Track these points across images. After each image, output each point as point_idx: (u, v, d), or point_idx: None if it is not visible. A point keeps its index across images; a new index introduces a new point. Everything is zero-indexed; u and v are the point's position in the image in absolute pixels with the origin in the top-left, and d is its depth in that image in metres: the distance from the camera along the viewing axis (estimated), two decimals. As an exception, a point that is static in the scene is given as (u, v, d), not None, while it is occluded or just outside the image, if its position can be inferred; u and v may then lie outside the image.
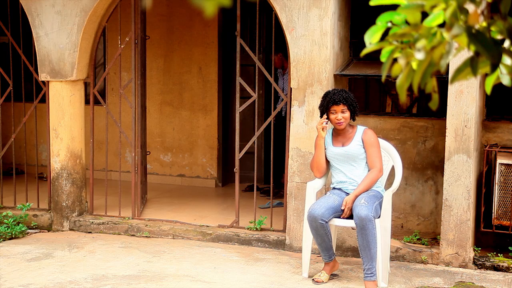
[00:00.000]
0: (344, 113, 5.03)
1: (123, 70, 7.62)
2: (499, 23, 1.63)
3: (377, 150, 5.09)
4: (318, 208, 4.91)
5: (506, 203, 5.55)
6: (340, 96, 5.01)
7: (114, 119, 6.70)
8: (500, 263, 5.41)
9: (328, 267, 5.13)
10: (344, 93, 5.04)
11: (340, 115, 5.03)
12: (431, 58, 1.62)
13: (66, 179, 6.58)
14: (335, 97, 5.01)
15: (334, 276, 5.21)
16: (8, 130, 7.58)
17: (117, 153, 7.95)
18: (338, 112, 5.03)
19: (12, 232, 6.27)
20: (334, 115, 5.04)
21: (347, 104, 5.01)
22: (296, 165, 5.81)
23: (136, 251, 5.86)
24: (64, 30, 6.40)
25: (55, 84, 6.53)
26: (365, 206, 4.80)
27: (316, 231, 4.94)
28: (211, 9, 1.47)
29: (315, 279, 5.08)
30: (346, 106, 5.02)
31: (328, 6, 5.64)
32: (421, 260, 5.57)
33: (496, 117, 5.87)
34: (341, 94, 5.02)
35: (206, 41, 8.35)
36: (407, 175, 6.08)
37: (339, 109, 5.03)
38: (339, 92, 5.05)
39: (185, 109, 8.57)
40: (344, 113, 5.04)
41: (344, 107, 5.02)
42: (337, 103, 5.01)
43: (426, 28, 1.64)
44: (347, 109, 5.03)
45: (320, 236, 4.96)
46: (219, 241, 6.16)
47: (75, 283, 5.00)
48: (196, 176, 8.59)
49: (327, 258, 5.10)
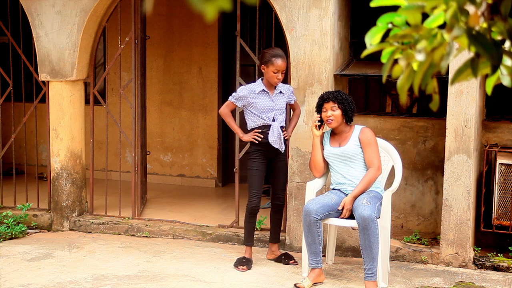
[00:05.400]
0: (334, 111, 5.04)
1: (123, 70, 7.61)
2: (499, 24, 1.63)
3: (375, 149, 5.08)
4: (313, 204, 4.91)
5: (506, 203, 5.55)
6: (330, 94, 5.07)
7: (114, 119, 6.70)
8: (500, 263, 5.41)
9: (313, 274, 4.96)
10: (336, 92, 5.09)
11: (330, 112, 5.04)
12: (432, 59, 1.62)
13: (66, 179, 6.58)
14: (325, 95, 5.09)
15: (317, 284, 4.99)
16: (8, 130, 7.58)
17: (117, 153, 7.95)
18: (328, 110, 5.05)
19: (12, 232, 6.27)
20: (325, 113, 5.07)
21: (336, 101, 5.03)
22: (296, 165, 5.81)
23: (136, 251, 5.86)
24: (64, 30, 6.40)
25: (55, 84, 6.53)
26: (368, 206, 4.80)
27: (308, 227, 4.91)
28: (212, 13, 1.46)
29: (297, 284, 4.93)
30: (336, 103, 5.03)
31: (328, 6, 5.64)
32: (421, 260, 5.57)
33: (496, 117, 5.87)
34: (332, 93, 5.08)
35: (206, 41, 8.35)
36: (407, 175, 6.08)
37: (328, 106, 5.06)
38: (331, 92, 5.13)
39: (185, 109, 8.57)
40: (334, 110, 5.04)
41: (334, 105, 5.04)
42: (327, 101, 5.05)
43: (427, 29, 1.64)
44: (337, 107, 5.04)
45: (312, 234, 4.90)
46: (219, 241, 6.17)
47: (75, 283, 5.01)
48: (196, 176, 8.60)
49: (314, 264, 4.95)
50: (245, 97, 5.34)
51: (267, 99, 5.34)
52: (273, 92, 5.37)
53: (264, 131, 5.36)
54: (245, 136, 5.43)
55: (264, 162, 5.41)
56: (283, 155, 5.52)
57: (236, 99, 5.39)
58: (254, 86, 5.38)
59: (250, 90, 5.35)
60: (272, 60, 5.25)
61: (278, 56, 5.27)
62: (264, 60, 5.31)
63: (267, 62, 5.28)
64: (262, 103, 5.33)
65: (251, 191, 5.41)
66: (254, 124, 5.39)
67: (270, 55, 5.28)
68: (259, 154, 5.40)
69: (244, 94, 5.35)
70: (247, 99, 5.34)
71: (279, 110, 5.39)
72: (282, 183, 5.58)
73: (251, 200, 5.43)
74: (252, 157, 5.42)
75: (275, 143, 5.33)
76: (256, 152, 5.40)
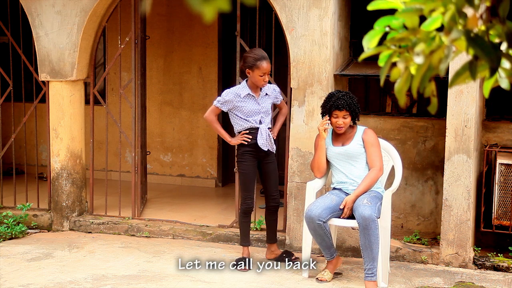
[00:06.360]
0: (345, 119, 5.04)
1: (123, 70, 7.61)
2: (497, 27, 1.63)
3: (378, 150, 5.10)
4: (315, 209, 4.92)
5: (506, 203, 5.55)
6: (344, 102, 4.99)
7: (114, 119, 6.71)
8: (500, 263, 5.41)
9: (331, 265, 5.14)
10: (348, 98, 5.02)
11: (341, 121, 5.04)
12: (430, 62, 1.62)
13: (66, 179, 6.58)
14: (339, 103, 5.00)
15: (338, 274, 5.21)
16: (8, 130, 7.58)
17: (117, 153, 7.95)
18: (340, 117, 5.03)
19: (12, 232, 6.27)
20: (336, 119, 5.05)
21: (349, 110, 5.01)
22: (296, 165, 5.81)
23: (136, 251, 5.86)
24: (64, 30, 6.40)
25: (55, 84, 6.54)
26: (369, 206, 4.81)
27: (314, 231, 4.95)
28: (210, 14, 1.46)
29: (318, 277, 5.08)
30: (349, 112, 5.02)
31: (328, 6, 5.64)
32: (421, 260, 5.57)
33: (496, 117, 5.86)
34: (345, 100, 5.00)
35: (206, 41, 8.35)
36: (407, 175, 6.08)
37: (341, 114, 5.03)
38: (343, 97, 5.02)
39: (185, 109, 8.57)
40: (346, 118, 5.04)
41: (346, 113, 5.02)
42: (340, 109, 5.01)
43: (425, 32, 1.64)
44: (349, 115, 5.04)
45: (319, 236, 4.96)
46: (219, 241, 6.17)
47: (75, 283, 5.01)
48: (196, 176, 8.60)
49: (329, 256, 5.10)
50: (231, 101, 5.27)
51: (253, 102, 5.27)
52: (259, 95, 5.30)
53: (252, 132, 5.32)
54: (233, 140, 5.37)
55: (254, 164, 5.37)
56: (272, 156, 5.48)
57: (221, 103, 5.30)
58: (239, 89, 5.28)
59: (236, 93, 5.27)
60: (257, 64, 5.14)
61: (262, 58, 5.16)
62: (248, 65, 5.18)
63: (252, 67, 5.17)
64: (248, 106, 5.26)
65: (244, 194, 5.40)
66: (241, 127, 5.34)
67: (253, 58, 5.17)
68: (249, 156, 5.35)
69: (230, 99, 5.27)
70: (233, 103, 5.26)
71: (265, 112, 5.32)
72: (275, 184, 5.54)
73: (244, 202, 5.41)
74: (242, 160, 5.37)
75: (264, 145, 5.29)
76: (246, 153, 5.35)
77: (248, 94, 5.25)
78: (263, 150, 5.32)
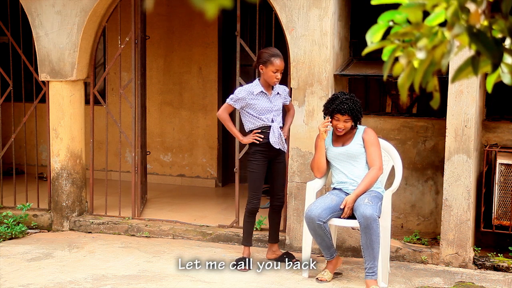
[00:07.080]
0: (346, 123, 5.05)
1: (123, 70, 7.61)
2: (500, 22, 1.63)
3: (378, 149, 5.11)
4: (315, 209, 4.92)
5: (506, 203, 5.55)
6: (347, 107, 4.98)
7: (114, 119, 6.70)
8: (500, 263, 5.41)
9: (330, 265, 5.14)
10: (352, 103, 5.00)
11: (342, 124, 5.04)
12: (433, 57, 1.62)
13: (66, 179, 6.58)
14: (342, 107, 4.99)
15: (338, 274, 5.21)
16: (8, 130, 7.58)
17: (117, 153, 7.95)
18: (341, 121, 5.04)
19: (12, 232, 6.27)
20: (337, 122, 5.05)
21: (351, 115, 5.01)
22: (296, 165, 5.81)
23: (136, 251, 5.86)
24: (64, 30, 6.40)
25: (55, 84, 6.53)
26: (370, 206, 4.81)
27: (314, 231, 4.95)
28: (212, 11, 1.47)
29: (318, 277, 5.09)
30: (351, 117, 5.02)
31: (328, 6, 5.64)
32: (421, 260, 5.57)
33: (496, 117, 5.87)
34: (348, 104, 4.99)
35: (206, 41, 8.35)
36: (407, 175, 6.08)
37: (342, 118, 5.03)
38: (346, 101, 5.01)
39: (185, 109, 8.57)
40: (347, 122, 5.05)
41: (348, 118, 5.02)
42: (342, 114, 5.01)
43: (428, 27, 1.64)
44: (350, 120, 5.04)
45: (319, 236, 4.96)
46: (219, 241, 6.16)
47: (75, 283, 5.00)
48: (196, 176, 8.60)
49: (329, 256, 5.10)
50: (244, 99, 5.30)
51: (266, 100, 5.31)
52: (271, 93, 5.35)
53: (264, 131, 5.34)
54: (245, 138, 5.39)
55: (264, 164, 5.39)
56: (283, 156, 5.51)
57: (234, 101, 5.34)
58: (252, 87, 5.33)
59: (249, 91, 5.31)
60: (271, 59, 5.21)
61: (276, 55, 5.23)
62: (262, 60, 5.26)
63: (265, 62, 5.23)
64: (260, 104, 5.30)
65: (251, 193, 5.40)
66: (253, 125, 5.36)
67: (268, 54, 5.24)
68: (260, 155, 5.36)
69: (243, 96, 5.30)
70: (246, 101, 5.30)
71: (277, 111, 5.36)
72: (282, 184, 5.57)
73: (251, 202, 5.42)
74: (253, 159, 5.38)
75: (276, 143, 5.31)
76: (257, 153, 5.37)
77: (261, 91, 5.28)
78: (274, 149, 5.33)
